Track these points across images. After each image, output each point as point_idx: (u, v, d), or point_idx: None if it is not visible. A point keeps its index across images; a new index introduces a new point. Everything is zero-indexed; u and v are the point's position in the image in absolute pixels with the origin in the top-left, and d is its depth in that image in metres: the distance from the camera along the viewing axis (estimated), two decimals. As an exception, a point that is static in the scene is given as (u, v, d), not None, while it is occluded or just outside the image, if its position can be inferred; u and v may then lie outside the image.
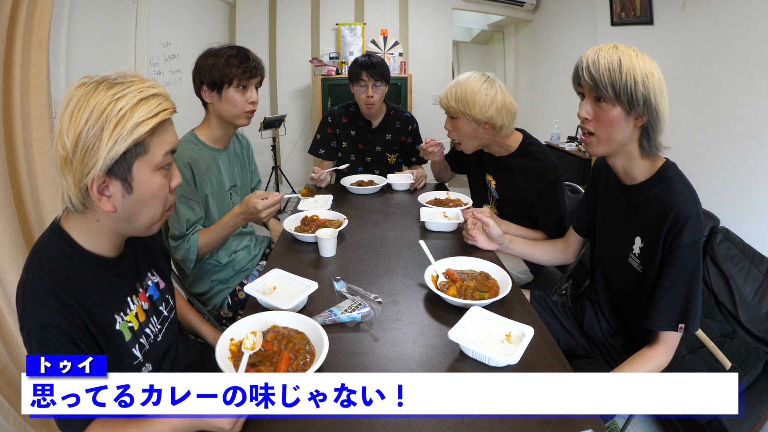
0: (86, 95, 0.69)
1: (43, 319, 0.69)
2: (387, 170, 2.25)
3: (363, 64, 1.99)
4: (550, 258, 1.43)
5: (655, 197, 1.00)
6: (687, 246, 0.94)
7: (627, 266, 1.09)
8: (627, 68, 0.95)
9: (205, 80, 1.38)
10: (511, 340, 0.93)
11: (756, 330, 1.74)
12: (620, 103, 0.96)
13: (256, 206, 1.31)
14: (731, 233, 2.00)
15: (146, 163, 0.74)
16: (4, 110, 1.34)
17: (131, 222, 0.78)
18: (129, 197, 0.74)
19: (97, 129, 0.68)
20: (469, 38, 6.31)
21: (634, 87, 0.94)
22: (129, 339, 0.82)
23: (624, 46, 0.98)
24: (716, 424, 1.46)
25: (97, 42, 2.12)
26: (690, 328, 0.95)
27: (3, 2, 1.30)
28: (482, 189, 1.82)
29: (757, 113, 2.15)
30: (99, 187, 0.71)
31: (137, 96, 0.71)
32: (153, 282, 0.94)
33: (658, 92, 0.96)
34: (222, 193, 1.51)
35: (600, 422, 0.74)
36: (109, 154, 0.68)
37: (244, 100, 1.42)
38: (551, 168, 1.54)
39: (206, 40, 3.55)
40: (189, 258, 1.38)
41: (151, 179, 0.76)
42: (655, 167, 1.03)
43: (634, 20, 3.11)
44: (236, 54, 1.39)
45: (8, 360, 1.31)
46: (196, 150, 1.42)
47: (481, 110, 1.46)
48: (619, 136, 1.00)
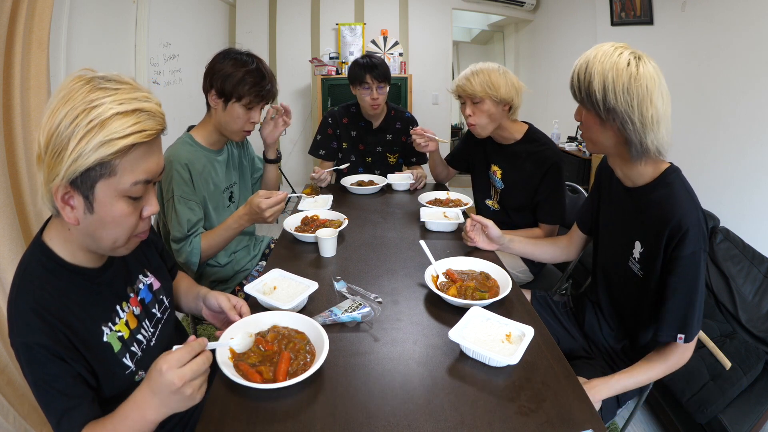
0: (71, 92, 0.64)
1: (28, 338, 0.68)
2: (387, 170, 2.25)
3: (365, 66, 1.98)
4: (552, 256, 1.44)
5: (656, 202, 0.99)
6: (688, 257, 0.93)
7: (627, 270, 1.09)
8: (589, 72, 0.94)
9: (215, 85, 1.37)
10: (511, 340, 0.92)
11: (756, 330, 1.74)
12: (592, 109, 0.97)
13: (259, 206, 1.29)
14: (731, 233, 2.00)
15: (110, 186, 0.67)
16: (4, 110, 1.34)
17: (94, 240, 0.72)
18: (90, 216, 0.68)
19: (65, 137, 0.62)
20: (469, 38, 6.32)
21: (588, 88, 0.94)
22: (119, 349, 0.80)
23: (610, 47, 0.95)
24: (716, 424, 1.46)
25: (97, 42, 2.12)
26: (688, 338, 0.95)
27: (3, 2, 1.30)
28: (485, 184, 1.83)
29: (757, 113, 2.15)
30: (63, 195, 0.67)
31: (114, 108, 0.63)
32: (145, 284, 0.92)
33: (625, 94, 0.91)
34: (218, 195, 1.50)
35: (600, 422, 0.74)
36: (70, 167, 0.63)
37: (246, 119, 1.41)
38: (555, 151, 1.62)
39: (206, 40, 3.57)
40: (192, 261, 1.36)
41: (114, 204, 0.68)
42: (658, 171, 1.01)
43: (634, 20, 3.11)
44: (254, 71, 1.37)
45: (8, 360, 1.31)
46: (192, 151, 1.42)
47: (507, 90, 1.56)
48: (600, 139, 1.00)
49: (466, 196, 1.88)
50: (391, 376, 0.85)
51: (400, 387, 0.82)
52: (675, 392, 1.57)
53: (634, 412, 1.22)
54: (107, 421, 0.71)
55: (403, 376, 0.85)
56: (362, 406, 0.77)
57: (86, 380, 0.74)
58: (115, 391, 0.79)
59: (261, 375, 0.80)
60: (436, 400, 0.78)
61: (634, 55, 0.94)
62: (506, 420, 0.74)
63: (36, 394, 0.71)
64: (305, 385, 0.81)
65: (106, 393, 0.78)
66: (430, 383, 0.83)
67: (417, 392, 0.80)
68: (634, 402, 1.20)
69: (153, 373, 0.67)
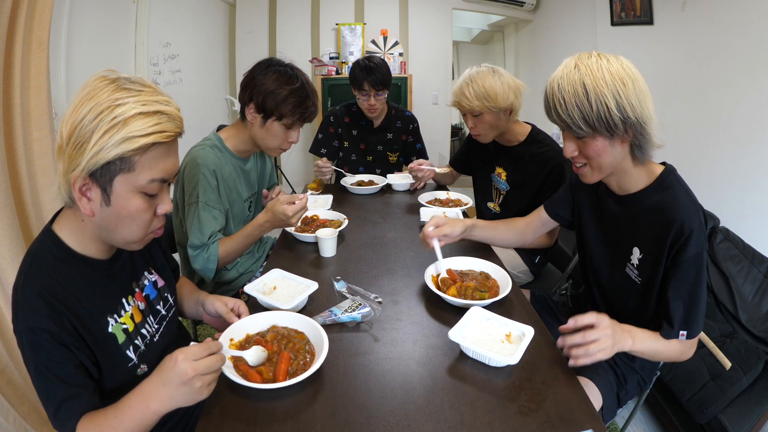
0: (96, 90, 0.67)
1: (33, 323, 0.69)
2: (388, 169, 2.26)
3: (364, 69, 1.98)
4: (507, 239, 1.38)
5: (656, 207, 0.96)
6: (692, 258, 0.91)
7: (623, 276, 1.06)
8: (595, 94, 0.86)
9: (255, 99, 1.31)
10: (511, 340, 0.93)
11: (756, 330, 1.74)
12: (600, 134, 0.90)
13: (285, 212, 1.26)
14: (731, 233, 2.00)
15: (128, 181, 0.70)
16: (4, 110, 1.34)
17: (109, 233, 0.75)
18: (106, 208, 0.71)
19: (89, 130, 0.65)
20: (469, 38, 6.32)
21: (608, 113, 0.86)
22: (123, 341, 0.81)
23: (585, 58, 0.89)
24: (716, 424, 1.46)
25: (97, 42, 2.12)
26: (691, 334, 0.94)
27: (3, 2, 1.30)
28: (487, 186, 1.83)
29: (757, 113, 2.15)
30: (81, 187, 0.70)
31: (137, 108, 0.67)
32: (150, 281, 0.93)
33: (636, 103, 0.87)
34: (240, 203, 1.48)
35: (600, 422, 0.74)
36: (91, 159, 0.66)
37: (285, 138, 1.38)
38: (558, 152, 1.60)
39: (206, 40, 3.57)
40: (209, 268, 1.32)
41: (130, 199, 0.72)
42: (653, 174, 0.98)
43: (634, 20, 3.11)
44: (299, 90, 1.32)
45: (8, 360, 1.31)
46: (221, 157, 1.38)
47: (505, 99, 1.52)
48: (610, 160, 0.95)
49: (466, 196, 1.88)
50: (391, 376, 0.85)
51: (400, 387, 0.82)
52: (675, 392, 1.57)
53: (634, 412, 1.22)
54: (109, 410, 0.71)
55: (403, 376, 0.85)
56: (362, 406, 0.77)
57: (88, 370, 0.75)
58: (116, 384, 0.80)
59: (261, 375, 0.80)
60: (436, 400, 0.78)
61: (616, 58, 0.90)
62: (506, 420, 0.74)
63: (36, 381, 0.71)
64: (305, 385, 0.81)
65: (107, 385, 0.79)
66: (430, 383, 0.83)
67: (417, 392, 0.80)
68: (634, 402, 1.20)
69: (167, 362, 0.70)
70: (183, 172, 1.35)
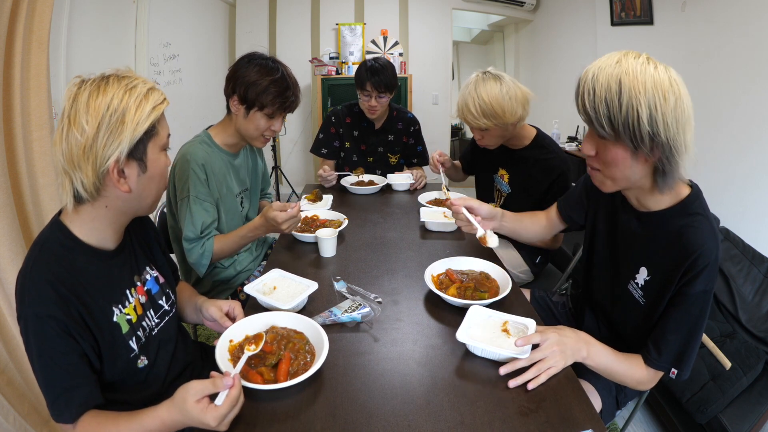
0: (98, 88, 0.73)
1: (40, 309, 0.70)
2: (389, 170, 2.25)
3: (369, 70, 1.97)
4: (534, 233, 1.35)
5: (677, 232, 0.88)
6: (698, 294, 0.86)
7: (625, 292, 1.01)
8: (628, 96, 0.77)
9: (238, 91, 1.35)
10: (509, 332, 0.94)
11: (756, 330, 1.74)
12: (622, 142, 0.81)
13: (276, 219, 1.28)
14: (731, 233, 2.00)
15: (156, 144, 0.81)
16: (4, 110, 1.34)
17: (141, 201, 0.83)
18: (143, 176, 0.80)
19: (119, 114, 0.73)
20: (469, 38, 6.31)
21: (636, 122, 0.77)
22: (126, 331, 0.83)
23: (632, 57, 0.81)
24: (716, 424, 1.46)
25: (97, 42, 2.12)
26: (682, 375, 0.90)
27: (3, 2, 1.30)
28: (488, 188, 1.82)
29: (757, 113, 2.15)
30: (118, 171, 0.75)
31: (146, 86, 0.78)
32: (152, 276, 0.95)
33: (672, 123, 0.77)
34: (231, 198, 1.49)
35: (600, 422, 0.74)
36: (133, 133, 0.74)
37: (267, 126, 1.40)
38: (563, 159, 1.59)
39: (206, 40, 3.57)
40: (202, 263, 1.35)
41: (159, 158, 0.83)
42: (679, 196, 0.90)
43: (634, 20, 3.11)
44: (279, 80, 1.35)
45: (8, 360, 1.31)
46: (209, 152, 1.41)
47: (512, 114, 1.48)
48: (626, 174, 0.86)
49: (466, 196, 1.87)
50: (391, 376, 0.85)
51: (400, 387, 0.82)
52: (675, 392, 1.57)
53: (634, 412, 1.22)
54: (121, 419, 0.73)
55: (403, 376, 0.85)
56: (362, 406, 0.77)
57: (90, 362, 0.76)
58: (116, 376, 0.81)
59: (261, 376, 0.80)
60: (436, 400, 0.78)
61: (666, 68, 0.80)
62: (506, 420, 0.74)
63: (37, 369, 0.72)
64: (305, 385, 0.81)
65: (107, 376, 0.80)
66: (430, 383, 0.83)
67: (417, 392, 0.80)
68: (634, 402, 1.20)
69: (190, 406, 0.69)
70: (174, 169, 1.38)
